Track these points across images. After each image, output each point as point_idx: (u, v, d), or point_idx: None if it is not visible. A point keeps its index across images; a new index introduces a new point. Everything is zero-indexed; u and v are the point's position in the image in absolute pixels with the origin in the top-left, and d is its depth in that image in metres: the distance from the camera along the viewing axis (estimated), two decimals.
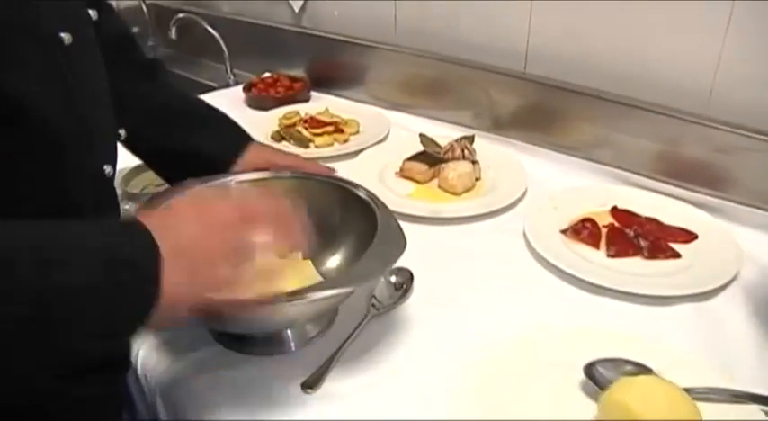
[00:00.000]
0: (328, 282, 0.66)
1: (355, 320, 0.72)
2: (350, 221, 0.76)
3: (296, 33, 1.41)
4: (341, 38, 1.33)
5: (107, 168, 0.64)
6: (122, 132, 0.74)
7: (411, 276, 0.78)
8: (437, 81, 1.21)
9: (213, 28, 1.52)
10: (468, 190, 0.99)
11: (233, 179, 0.79)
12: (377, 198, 0.75)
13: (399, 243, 0.66)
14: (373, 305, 0.75)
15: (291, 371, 0.67)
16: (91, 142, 0.61)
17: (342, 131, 1.16)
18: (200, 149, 0.81)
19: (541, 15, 1.07)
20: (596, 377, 0.62)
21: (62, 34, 0.56)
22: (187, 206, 0.54)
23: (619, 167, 1.01)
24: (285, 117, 1.21)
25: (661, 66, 0.97)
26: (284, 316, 0.65)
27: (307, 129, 1.16)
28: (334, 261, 0.76)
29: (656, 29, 0.95)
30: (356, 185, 0.77)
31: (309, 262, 0.74)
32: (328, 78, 1.38)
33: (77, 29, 0.58)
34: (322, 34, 1.37)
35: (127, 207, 0.92)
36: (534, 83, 1.08)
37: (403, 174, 1.02)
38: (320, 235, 0.77)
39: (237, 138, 0.84)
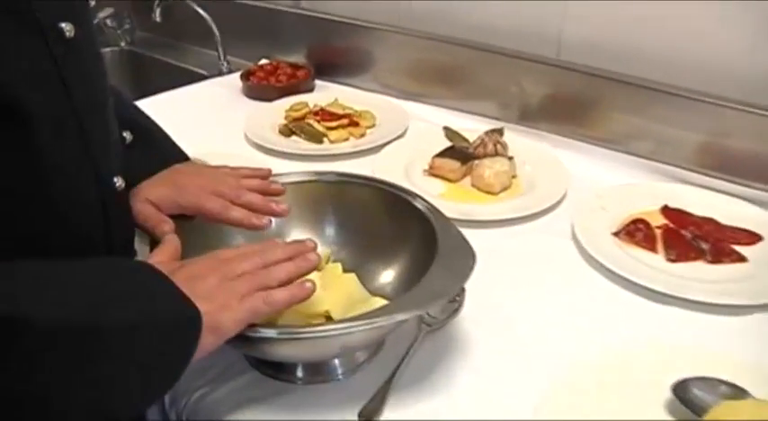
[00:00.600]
0: (397, 304, 0.57)
1: (404, 340, 0.65)
2: (402, 230, 0.68)
3: (296, 15, 1.30)
4: (346, 20, 1.23)
5: (117, 181, 0.56)
6: (127, 135, 0.64)
7: (463, 288, 0.70)
8: (455, 68, 1.12)
9: (203, 9, 1.40)
10: (505, 189, 0.91)
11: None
12: (429, 203, 0.67)
13: (467, 254, 0.59)
14: (424, 321, 0.67)
15: (339, 401, 0.59)
16: (91, 150, 0.52)
17: (357, 125, 1.07)
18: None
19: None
20: (690, 399, 0.56)
21: (63, 25, 0.48)
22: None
23: (661, 161, 0.95)
24: (293, 109, 1.11)
25: (705, 51, 0.90)
26: (342, 344, 0.57)
27: (319, 122, 1.06)
28: (385, 276, 0.68)
29: (701, 11, 0.89)
30: (405, 189, 0.69)
31: (353, 276, 0.66)
32: (332, 65, 1.28)
33: (81, 19, 0.50)
34: (325, 16, 1.26)
35: None
36: (568, 70, 1.00)
37: (432, 172, 0.94)
38: (366, 245, 0.70)
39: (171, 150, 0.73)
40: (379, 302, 0.63)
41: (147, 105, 0.78)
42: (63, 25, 0.48)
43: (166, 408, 0.63)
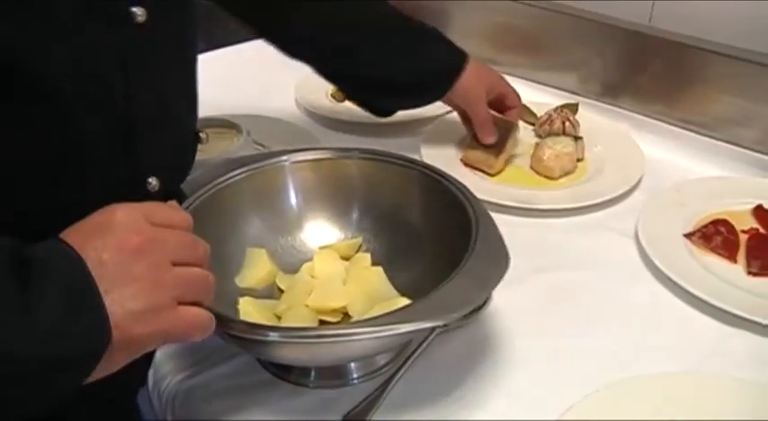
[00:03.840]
0: (406, 313, 0.48)
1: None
2: (434, 220, 0.61)
3: None
4: None
5: (152, 181, 0.50)
6: (203, 136, 0.59)
7: None
8: (535, 34, 1.01)
9: None
10: (567, 174, 0.80)
11: (289, 159, 0.64)
12: (470, 193, 0.59)
13: (501, 259, 0.51)
14: None
15: (346, 407, 0.53)
16: (134, 144, 0.48)
17: None
18: (393, 77, 0.74)
19: None
20: None
21: (134, 8, 0.44)
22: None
23: (766, 153, 0.80)
24: None
25: None
26: (342, 351, 0.51)
27: None
28: (412, 271, 0.61)
29: None
30: (444, 174, 0.61)
31: (380, 270, 0.60)
32: None
33: (158, 3, 0.46)
34: None
35: None
36: (661, 39, 0.86)
37: (468, 163, 0.83)
38: (396, 235, 0.63)
39: (444, 60, 0.76)
40: (402, 303, 0.57)
41: (211, 59, 0.75)
42: (134, 9, 0.44)
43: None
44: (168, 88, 0.51)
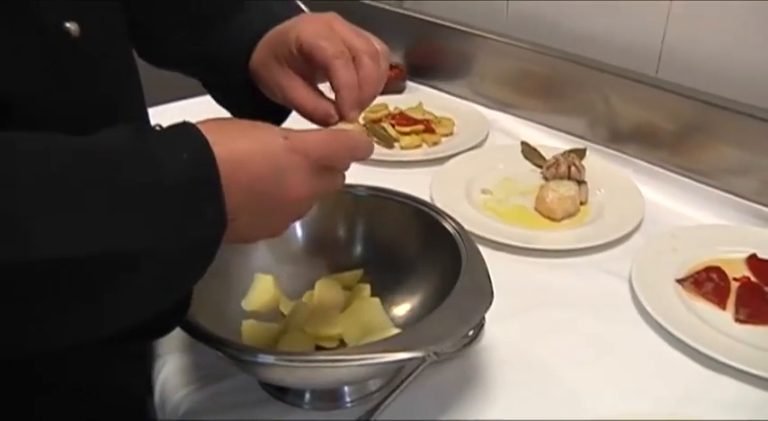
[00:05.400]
0: (390, 342, 0.50)
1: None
2: (430, 255, 0.63)
3: (398, 15, 1.28)
4: (445, 23, 1.19)
5: None
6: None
7: (482, 320, 0.65)
8: (549, 80, 1.04)
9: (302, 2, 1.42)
10: (569, 216, 0.83)
11: None
12: (465, 232, 0.61)
13: (485, 294, 0.53)
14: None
15: None
16: None
17: (433, 132, 1.03)
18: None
19: (683, 8, 0.88)
20: None
21: (68, 24, 0.44)
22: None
23: (764, 204, 0.82)
24: (371, 110, 1.08)
25: None
26: (331, 376, 0.54)
27: (393, 126, 1.03)
28: (407, 303, 0.64)
29: None
30: (441, 212, 0.64)
31: (377, 301, 0.63)
32: (426, 67, 1.24)
33: (93, 16, 0.47)
34: (426, 17, 1.23)
35: None
36: (666, 91, 0.90)
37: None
38: (394, 268, 0.66)
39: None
40: (393, 333, 0.59)
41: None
42: (68, 25, 0.44)
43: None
44: (111, 97, 0.50)
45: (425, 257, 0.64)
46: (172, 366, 0.63)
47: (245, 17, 0.60)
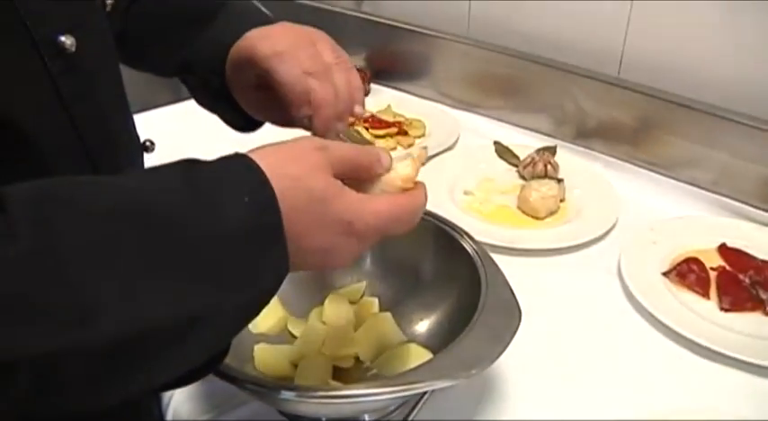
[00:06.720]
0: (427, 371, 0.49)
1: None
2: (446, 271, 0.64)
3: (357, 18, 1.28)
4: (407, 26, 1.20)
5: None
6: (149, 144, 0.60)
7: None
8: (514, 80, 1.07)
9: (264, 8, 1.39)
10: (552, 214, 0.87)
11: None
12: (481, 247, 0.62)
13: (513, 311, 0.53)
14: None
15: None
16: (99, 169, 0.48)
17: (405, 134, 1.04)
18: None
19: (643, 12, 0.93)
20: None
21: (63, 38, 0.43)
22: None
23: (721, 194, 0.89)
24: None
25: None
26: (356, 409, 0.54)
27: (367, 129, 1.04)
28: (423, 319, 0.64)
29: None
30: (455, 227, 0.64)
31: (389, 316, 0.63)
32: (390, 71, 1.25)
33: (87, 28, 0.46)
34: (386, 21, 1.23)
35: None
36: (628, 90, 0.95)
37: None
38: (405, 283, 0.66)
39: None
40: (414, 349, 0.61)
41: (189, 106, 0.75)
42: (63, 39, 0.43)
43: None
44: (107, 110, 0.50)
45: (438, 273, 0.65)
46: (183, 393, 0.62)
47: (219, 27, 0.61)
